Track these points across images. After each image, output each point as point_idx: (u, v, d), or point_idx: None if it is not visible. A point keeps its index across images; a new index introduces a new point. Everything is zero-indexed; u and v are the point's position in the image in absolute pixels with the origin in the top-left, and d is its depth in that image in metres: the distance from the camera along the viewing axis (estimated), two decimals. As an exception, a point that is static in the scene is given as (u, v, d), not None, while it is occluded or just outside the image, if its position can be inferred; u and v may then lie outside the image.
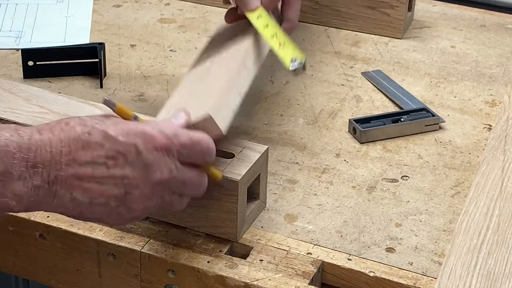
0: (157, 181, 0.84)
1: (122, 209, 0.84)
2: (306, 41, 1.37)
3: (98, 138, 0.82)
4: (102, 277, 0.97)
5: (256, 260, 0.94)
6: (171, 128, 0.86)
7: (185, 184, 0.87)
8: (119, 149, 0.82)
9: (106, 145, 0.82)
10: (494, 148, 1.08)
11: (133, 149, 0.83)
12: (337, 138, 1.14)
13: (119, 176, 0.83)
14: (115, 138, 0.82)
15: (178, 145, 0.85)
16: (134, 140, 0.83)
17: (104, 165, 0.82)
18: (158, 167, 0.84)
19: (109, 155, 0.82)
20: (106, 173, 0.82)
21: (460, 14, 1.47)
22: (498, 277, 0.88)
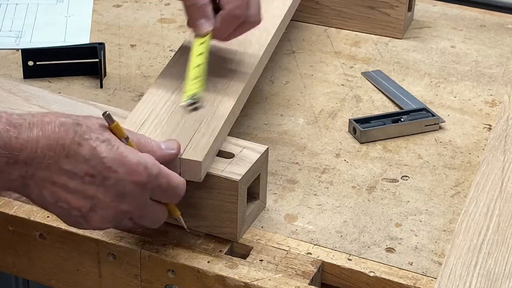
0: (123, 211, 0.86)
1: (81, 220, 0.86)
2: (306, 41, 1.37)
3: (86, 152, 0.83)
4: (102, 277, 0.97)
5: (256, 260, 0.94)
6: (155, 167, 0.86)
7: (146, 217, 0.89)
8: (102, 171, 0.83)
9: (91, 162, 0.83)
10: (494, 148, 1.08)
11: (113, 176, 0.83)
12: (337, 138, 1.14)
13: (90, 194, 0.84)
14: (102, 159, 0.83)
15: (155, 185, 0.86)
16: (117, 168, 0.84)
17: (80, 179, 0.83)
18: (129, 199, 0.85)
19: (90, 172, 0.83)
20: (80, 186, 0.83)
21: (460, 14, 1.47)
22: (498, 277, 0.88)
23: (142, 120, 0.96)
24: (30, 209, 0.99)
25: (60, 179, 0.83)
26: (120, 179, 0.84)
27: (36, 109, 1.03)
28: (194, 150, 0.91)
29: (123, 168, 0.84)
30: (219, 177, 0.93)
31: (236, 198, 0.93)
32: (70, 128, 0.83)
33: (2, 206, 0.99)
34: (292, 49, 1.35)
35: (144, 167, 0.85)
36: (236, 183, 0.93)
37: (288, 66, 1.30)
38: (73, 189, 0.83)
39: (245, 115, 1.17)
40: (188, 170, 0.91)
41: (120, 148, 0.84)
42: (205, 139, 0.93)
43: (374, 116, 1.17)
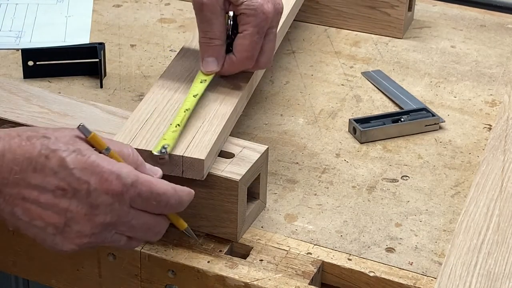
0: (100, 223, 0.82)
1: (58, 239, 0.83)
2: (306, 41, 1.37)
3: (54, 165, 0.80)
4: (102, 277, 0.97)
5: (256, 260, 0.94)
6: (131, 175, 0.83)
7: (134, 228, 0.85)
8: (72, 182, 0.81)
9: (60, 174, 0.81)
10: (494, 148, 1.08)
11: (84, 187, 0.81)
12: (337, 138, 1.14)
13: (63, 207, 0.81)
14: (71, 170, 0.81)
15: (133, 194, 0.83)
16: (88, 178, 0.81)
17: (51, 193, 0.81)
18: (104, 210, 0.82)
19: (60, 185, 0.81)
20: (51, 200, 0.81)
21: (460, 14, 1.47)
22: (498, 277, 0.88)
23: (145, 119, 0.96)
24: (30, 209, 0.99)
25: (30, 194, 0.81)
26: (92, 190, 0.81)
27: (36, 109, 1.03)
28: (196, 148, 0.91)
29: (94, 178, 0.81)
30: (219, 177, 0.93)
31: (236, 198, 0.93)
32: (37, 141, 0.81)
33: None
34: (292, 49, 1.35)
35: (117, 176, 0.82)
36: (236, 183, 0.93)
37: (288, 66, 1.30)
38: (45, 204, 0.81)
39: (245, 115, 1.17)
40: (191, 168, 0.91)
41: (91, 157, 0.82)
42: (207, 137, 0.93)
43: (374, 116, 1.17)
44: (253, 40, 1.01)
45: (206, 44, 1.02)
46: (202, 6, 1.00)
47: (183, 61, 1.07)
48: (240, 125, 1.15)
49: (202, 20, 1.01)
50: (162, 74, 1.05)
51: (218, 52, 1.02)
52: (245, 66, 1.03)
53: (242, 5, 1.00)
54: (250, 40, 1.01)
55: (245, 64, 1.03)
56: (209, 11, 1.00)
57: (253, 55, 1.02)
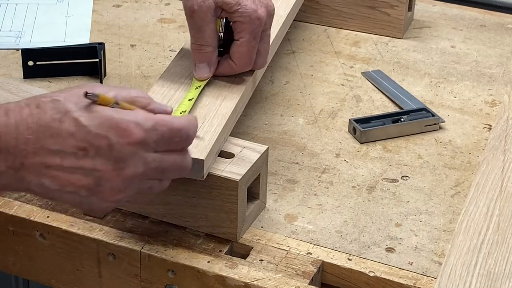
0: (130, 175, 0.81)
1: (93, 199, 0.81)
2: (306, 41, 1.37)
3: (69, 126, 0.79)
4: (102, 277, 0.97)
5: (256, 260, 0.94)
6: (149, 119, 0.82)
7: (164, 171, 0.84)
8: (91, 140, 0.79)
9: (77, 135, 0.79)
10: (494, 148, 1.08)
11: (105, 142, 0.79)
12: (337, 138, 1.14)
13: (89, 167, 0.79)
14: (87, 128, 0.79)
15: (155, 137, 0.82)
16: (106, 133, 0.79)
17: (73, 155, 0.79)
18: (131, 162, 0.80)
19: (80, 145, 0.79)
20: (76, 163, 0.79)
21: (460, 14, 1.47)
22: (498, 277, 0.88)
23: None
24: (30, 209, 0.99)
25: (53, 161, 0.79)
26: (113, 144, 0.79)
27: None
28: (196, 148, 0.91)
29: (113, 131, 0.79)
30: (219, 177, 0.93)
31: (236, 198, 0.93)
32: (47, 106, 0.79)
33: (2, 206, 1.00)
34: (292, 49, 1.35)
35: (136, 124, 0.80)
36: (236, 183, 0.93)
37: (288, 66, 1.30)
38: (69, 167, 0.79)
39: (245, 115, 1.17)
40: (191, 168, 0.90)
41: (105, 111, 0.80)
42: (207, 137, 0.93)
43: (374, 116, 1.17)
44: (250, 46, 1.02)
45: (198, 51, 1.02)
46: (193, 13, 1.01)
47: (183, 61, 1.07)
48: (240, 125, 1.15)
49: (193, 26, 1.02)
50: (162, 74, 1.05)
51: (210, 58, 1.03)
52: (243, 70, 1.05)
53: (236, 13, 1.00)
54: (247, 47, 1.02)
55: (244, 69, 1.04)
56: (200, 18, 1.01)
57: (251, 60, 1.03)
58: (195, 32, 1.02)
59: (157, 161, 0.83)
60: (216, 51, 1.03)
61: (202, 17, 1.00)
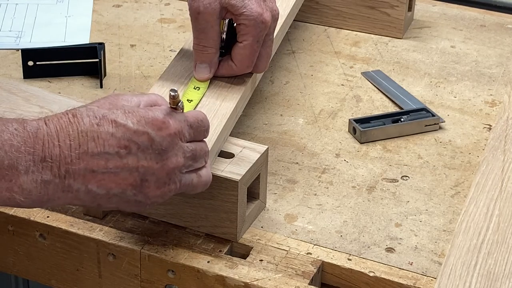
0: (173, 166, 0.84)
1: (140, 196, 0.84)
2: (306, 41, 1.37)
3: (108, 128, 0.82)
4: (102, 277, 0.97)
5: (256, 260, 0.94)
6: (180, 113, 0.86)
7: (196, 158, 0.87)
8: (131, 137, 0.82)
9: (117, 134, 0.82)
10: (494, 148, 1.08)
11: (145, 137, 0.82)
12: (337, 138, 1.14)
13: (133, 165, 0.82)
14: (126, 126, 0.82)
15: (187, 128, 0.86)
16: (145, 128, 0.83)
17: (116, 155, 0.81)
18: (173, 152, 0.84)
19: (121, 144, 0.82)
20: (120, 162, 0.82)
21: (460, 14, 1.47)
22: (498, 277, 0.88)
23: None
24: (30, 209, 0.99)
25: (98, 165, 0.81)
26: (153, 137, 0.83)
27: (36, 109, 1.03)
28: None
29: (150, 126, 0.83)
30: (219, 177, 0.93)
31: (236, 198, 0.93)
32: (83, 114, 0.82)
33: (2, 206, 0.99)
34: (292, 49, 1.35)
35: (170, 117, 0.85)
36: (236, 183, 0.93)
37: (288, 66, 1.30)
38: (114, 168, 0.81)
39: (245, 115, 1.17)
40: None
41: (139, 110, 0.84)
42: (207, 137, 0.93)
43: (374, 116, 1.17)
44: (253, 49, 1.02)
45: (200, 52, 1.03)
46: (198, 15, 1.01)
47: (183, 61, 1.07)
48: (240, 125, 1.15)
49: (197, 28, 1.02)
50: (162, 74, 1.05)
51: (211, 59, 1.03)
52: (243, 72, 1.05)
53: (241, 16, 1.00)
54: (250, 50, 1.02)
55: (244, 71, 1.04)
56: (205, 20, 1.01)
57: (252, 63, 1.04)
58: (198, 33, 1.02)
59: (191, 150, 0.86)
60: (218, 53, 1.03)
61: (207, 19, 1.00)
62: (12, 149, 0.78)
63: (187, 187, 0.87)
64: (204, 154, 0.89)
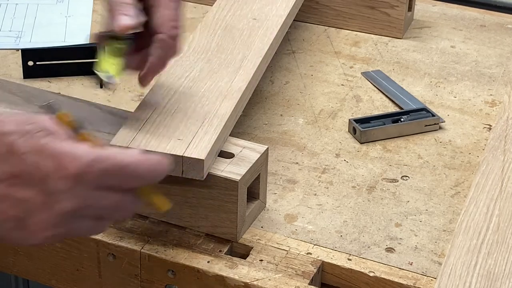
0: (62, 211, 0.74)
1: (22, 233, 0.75)
2: (306, 41, 1.37)
3: (4, 150, 0.73)
4: (102, 277, 0.97)
5: (256, 260, 0.94)
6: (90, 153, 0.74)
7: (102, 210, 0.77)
8: (24, 169, 0.73)
9: (12, 160, 0.73)
10: (494, 148, 1.08)
11: (39, 172, 0.73)
12: (337, 138, 1.14)
13: (19, 197, 0.74)
14: (21, 155, 0.73)
15: (96, 172, 0.74)
16: (43, 162, 0.73)
17: (6, 182, 0.73)
18: (65, 196, 0.74)
19: (13, 172, 0.73)
20: (5, 191, 0.73)
21: (460, 14, 1.47)
22: (498, 277, 0.88)
23: (145, 119, 0.96)
24: (30, 209, 0.99)
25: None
26: (46, 175, 0.73)
27: (36, 109, 1.02)
28: (196, 148, 0.91)
29: (49, 161, 0.73)
30: (219, 177, 0.93)
31: (236, 198, 0.93)
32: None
33: None
34: (292, 49, 1.35)
35: (72, 157, 0.73)
36: (236, 183, 0.93)
37: (288, 66, 1.30)
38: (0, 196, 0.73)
39: (245, 115, 1.17)
40: (190, 168, 0.91)
41: (43, 139, 0.74)
42: (207, 137, 0.94)
43: (374, 116, 1.17)
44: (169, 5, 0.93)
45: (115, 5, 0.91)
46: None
47: (182, 61, 1.07)
48: (240, 125, 1.15)
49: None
50: (162, 74, 1.05)
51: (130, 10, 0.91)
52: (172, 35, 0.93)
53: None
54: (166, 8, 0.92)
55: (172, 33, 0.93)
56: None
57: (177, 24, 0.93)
58: None
59: (96, 198, 0.75)
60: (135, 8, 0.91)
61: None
62: None
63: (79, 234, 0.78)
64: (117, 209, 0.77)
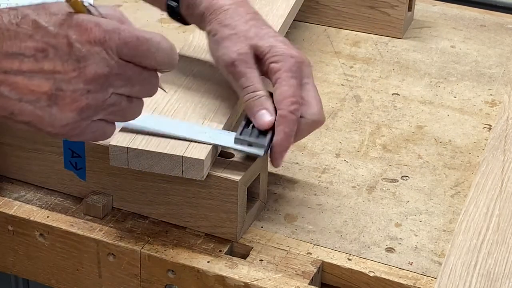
0: (92, 76, 0.77)
1: (55, 110, 0.77)
2: (306, 41, 1.37)
3: (27, 28, 0.76)
4: (102, 277, 0.97)
5: (256, 260, 0.94)
6: (111, 23, 0.78)
7: (133, 82, 0.80)
8: (50, 41, 0.76)
9: (36, 36, 0.76)
10: (494, 148, 1.08)
11: (64, 41, 0.76)
12: (337, 138, 1.14)
13: (49, 70, 0.76)
14: (45, 29, 0.76)
15: (117, 41, 0.78)
16: (66, 32, 0.76)
17: (32, 58, 0.76)
18: (93, 60, 0.77)
19: (39, 47, 0.76)
20: (35, 66, 0.76)
21: (460, 14, 1.47)
22: (498, 277, 0.88)
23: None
24: (30, 209, 0.99)
25: (11, 65, 0.75)
26: (72, 42, 0.76)
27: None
28: (196, 148, 0.91)
29: (73, 30, 0.76)
30: (219, 177, 0.93)
31: (236, 198, 0.93)
32: (4, 12, 0.76)
33: (2, 206, 1.00)
34: (292, 49, 1.34)
35: (96, 23, 0.77)
36: (236, 183, 0.93)
37: (288, 66, 1.30)
38: (29, 71, 0.76)
39: (245, 115, 1.17)
40: (190, 168, 0.91)
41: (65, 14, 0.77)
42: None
43: None
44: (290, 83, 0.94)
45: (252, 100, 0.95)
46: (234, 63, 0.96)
47: (183, 61, 1.07)
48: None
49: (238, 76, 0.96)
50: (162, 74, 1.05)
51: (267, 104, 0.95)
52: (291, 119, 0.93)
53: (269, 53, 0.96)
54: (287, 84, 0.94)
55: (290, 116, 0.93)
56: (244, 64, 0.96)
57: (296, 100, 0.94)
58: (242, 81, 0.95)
59: (122, 67, 0.78)
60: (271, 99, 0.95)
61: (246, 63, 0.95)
62: None
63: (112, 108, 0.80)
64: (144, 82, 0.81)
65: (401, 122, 1.18)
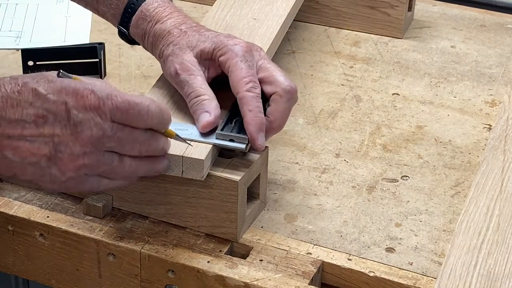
0: (88, 139, 0.84)
1: (54, 170, 0.84)
2: (306, 41, 1.37)
3: (27, 96, 0.83)
4: (102, 277, 0.97)
5: (256, 260, 0.94)
6: (105, 89, 0.85)
7: (122, 142, 0.86)
8: (49, 107, 0.83)
9: (36, 103, 0.83)
10: (494, 148, 1.08)
11: (63, 108, 0.83)
12: (337, 138, 1.14)
13: (49, 134, 0.83)
14: (45, 97, 0.83)
15: (110, 106, 0.84)
16: (64, 99, 0.83)
17: (33, 123, 0.82)
18: (88, 125, 0.83)
19: (39, 113, 0.83)
20: (36, 131, 0.83)
21: (460, 14, 1.47)
22: (498, 277, 0.88)
23: None
24: (30, 209, 0.99)
25: (14, 131, 0.82)
26: (70, 108, 0.83)
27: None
28: (196, 148, 0.91)
29: (70, 97, 0.83)
30: (219, 177, 0.93)
31: (236, 198, 0.93)
32: (5, 81, 0.83)
33: (2, 206, 1.00)
34: (292, 49, 1.35)
35: (91, 91, 0.84)
36: (236, 183, 0.93)
37: (288, 66, 1.30)
38: (30, 136, 0.83)
39: (245, 115, 1.16)
40: (190, 168, 0.91)
41: (63, 81, 0.84)
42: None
43: None
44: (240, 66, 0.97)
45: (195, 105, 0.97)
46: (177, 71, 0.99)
47: None
48: (240, 125, 1.15)
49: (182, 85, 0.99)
50: (162, 74, 1.05)
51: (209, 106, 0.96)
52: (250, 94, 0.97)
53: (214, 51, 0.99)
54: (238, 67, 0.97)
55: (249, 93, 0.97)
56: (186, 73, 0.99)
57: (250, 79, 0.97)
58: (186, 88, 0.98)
59: (114, 129, 0.85)
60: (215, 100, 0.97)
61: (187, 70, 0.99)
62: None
63: (104, 168, 0.86)
64: (136, 141, 0.86)
65: (401, 122, 1.18)
